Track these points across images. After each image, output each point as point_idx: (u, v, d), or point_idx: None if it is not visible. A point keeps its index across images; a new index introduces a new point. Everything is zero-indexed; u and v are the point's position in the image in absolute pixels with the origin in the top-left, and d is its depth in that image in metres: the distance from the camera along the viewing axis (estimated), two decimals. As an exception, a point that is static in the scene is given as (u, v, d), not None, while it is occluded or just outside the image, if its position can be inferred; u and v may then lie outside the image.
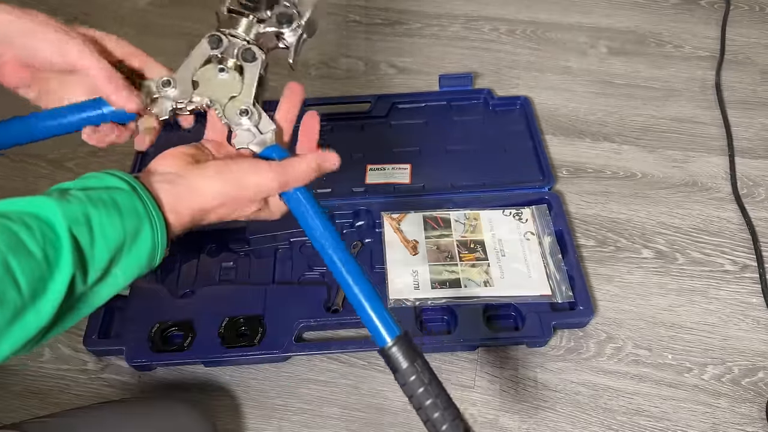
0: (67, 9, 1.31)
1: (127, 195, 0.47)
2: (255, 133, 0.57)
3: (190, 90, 0.57)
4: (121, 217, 0.45)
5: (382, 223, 0.90)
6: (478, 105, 1.08)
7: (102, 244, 0.44)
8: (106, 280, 0.46)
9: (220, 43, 0.58)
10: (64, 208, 0.43)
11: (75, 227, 0.43)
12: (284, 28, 0.59)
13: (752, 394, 0.76)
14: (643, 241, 0.91)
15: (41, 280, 0.41)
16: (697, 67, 1.15)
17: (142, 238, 0.47)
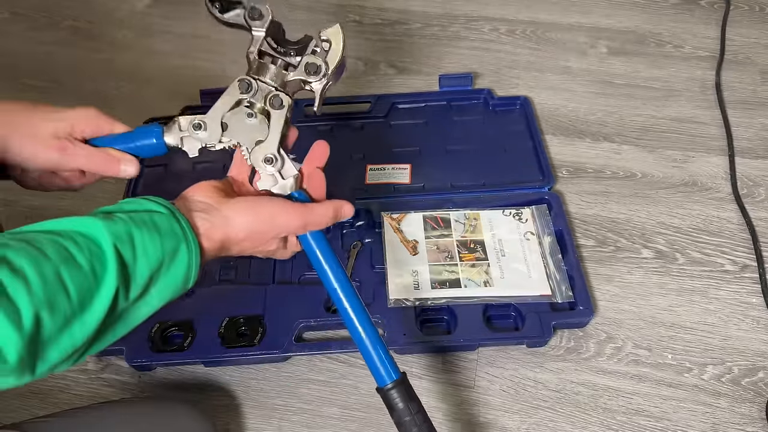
0: (66, 12, 1.31)
1: (166, 218, 0.50)
2: (278, 178, 0.60)
3: (219, 132, 0.60)
4: (161, 237, 0.49)
5: (382, 223, 0.90)
6: (478, 105, 1.08)
7: (144, 261, 0.47)
8: (144, 298, 0.49)
9: (249, 88, 0.60)
10: (109, 227, 0.46)
11: (119, 244, 0.46)
12: (311, 77, 0.62)
13: (752, 394, 0.76)
14: (643, 241, 0.91)
15: (89, 291, 0.44)
16: (697, 67, 1.15)
17: (179, 258, 0.50)
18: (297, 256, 0.88)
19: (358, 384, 0.79)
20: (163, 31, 1.27)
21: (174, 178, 0.98)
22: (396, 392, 0.61)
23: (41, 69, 1.20)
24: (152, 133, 0.61)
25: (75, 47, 1.24)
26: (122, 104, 1.13)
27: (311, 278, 0.87)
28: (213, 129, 0.60)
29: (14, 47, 1.24)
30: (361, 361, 0.80)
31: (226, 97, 0.61)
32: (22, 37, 1.26)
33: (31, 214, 0.96)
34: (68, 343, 0.43)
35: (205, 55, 1.20)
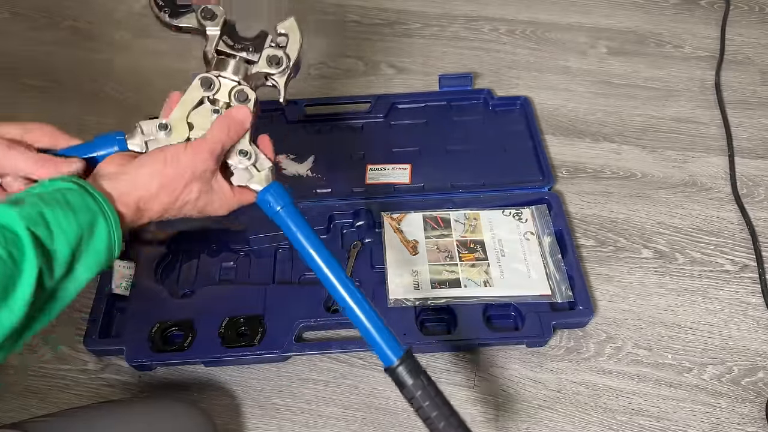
0: (66, 12, 1.31)
1: (78, 193, 0.50)
2: (253, 173, 0.60)
3: (187, 131, 0.59)
4: (74, 213, 0.48)
5: (382, 223, 0.90)
6: (478, 105, 1.08)
7: (62, 238, 0.47)
8: (71, 275, 0.48)
9: (212, 85, 0.60)
10: (20, 211, 0.46)
11: (34, 227, 0.45)
12: (273, 69, 0.61)
13: (752, 394, 0.76)
14: (642, 241, 0.91)
15: (11, 278, 0.43)
16: (696, 67, 1.15)
17: (98, 231, 0.49)
18: (295, 255, 0.88)
19: (358, 384, 0.79)
20: (161, 31, 1.26)
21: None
22: (404, 368, 0.59)
23: (41, 69, 1.20)
24: (114, 141, 0.59)
25: (75, 47, 1.24)
26: (121, 104, 1.13)
27: (311, 278, 0.87)
28: (179, 129, 0.58)
29: (14, 47, 1.24)
30: (362, 361, 0.80)
31: (189, 96, 0.60)
32: (22, 37, 1.26)
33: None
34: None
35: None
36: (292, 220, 0.60)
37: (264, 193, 0.60)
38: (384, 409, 0.77)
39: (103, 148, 0.59)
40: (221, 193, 0.59)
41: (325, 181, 0.97)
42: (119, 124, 1.12)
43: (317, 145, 1.02)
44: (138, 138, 0.58)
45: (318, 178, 0.98)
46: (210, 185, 0.58)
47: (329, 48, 1.22)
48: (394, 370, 0.59)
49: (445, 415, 0.58)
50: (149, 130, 0.58)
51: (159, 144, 0.58)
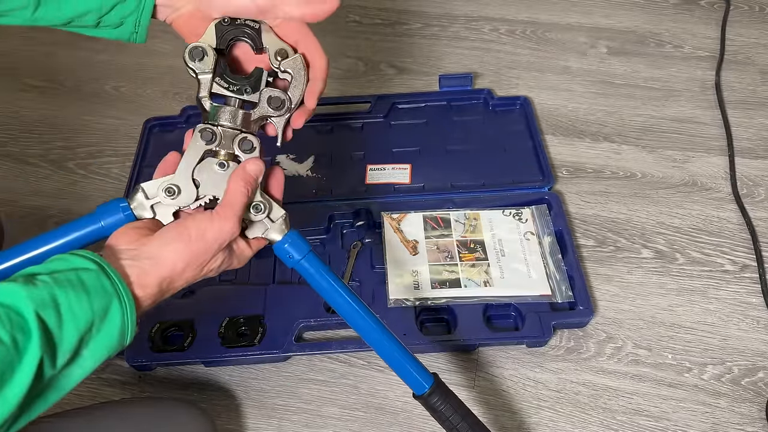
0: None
1: (94, 274, 0.47)
2: (268, 224, 0.56)
3: (194, 191, 0.55)
4: (88, 297, 0.45)
5: (382, 223, 0.90)
6: (478, 105, 1.08)
7: (71, 324, 0.44)
8: (76, 362, 0.45)
9: (213, 137, 0.55)
10: (30, 292, 0.43)
11: (42, 310, 0.42)
12: (274, 112, 0.56)
13: (752, 393, 0.76)
14: (642, 241, 0.91)
15: (9, 365, 0.41)
16: (696, 67, 1.15)
17: (110, 316, 0.46)
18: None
19: (358, 384, 0.79)
20: (163, 31, 1.26)
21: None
22: (435, 396, 0.61)
23: (41, 69, 1.20)
24: (118, 209, 0.54)
25: (75, 47, 1.24)
26: (122, 104, 1.13)
27: (311, 278, 0.87)
28: (188, 190, 0.54)
29: (14, 47, 1.24)
30: (361, 361, 0.80)
31: (192, 152, 0.55)
32: (23, 37, 1.26)
33: (31, 214, 0.96)
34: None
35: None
36: (314, 268, 0.58)
37: (282, 243, 0.57)
38: (384, 409, 0.77)
39: (107, 218, 0.55)
40: (240, 251, 0.57)
41: (325, 181, 0.97)
42: (119, 124, 1.12)
43: (317, 145, 1.02)
44: (142, 203, 0.54)
45: (318, 178, 0.98)
46: (231, 248, 0.56)
47: (329, 48, 1.21)
48: (427, 399, 0.62)
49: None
50: (153, 192, 0.54)
51: (166, 207, 0.55)
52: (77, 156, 1.05)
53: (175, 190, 0.54)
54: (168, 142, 1.03)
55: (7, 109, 1.13)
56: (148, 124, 1.04)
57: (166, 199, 0.54)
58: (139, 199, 0.54)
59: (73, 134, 1.08)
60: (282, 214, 0.57)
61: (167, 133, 1.04)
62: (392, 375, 0.79)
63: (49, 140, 1.07)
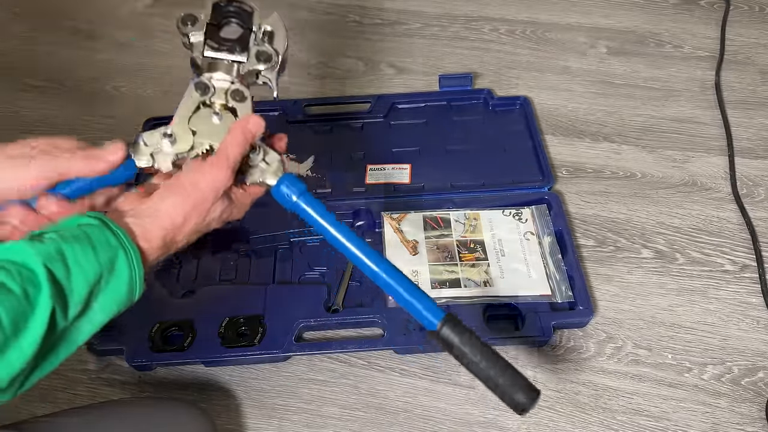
0: (67, 11, 1.31)
1: (98, 229, 0.48)
2: (264, 168, 0.59)
3: (191, 139, 0.57)
4: (94, 250, 0.47)
5: (382, 223, 0.90)
6: (478, 105, 1.08)
7: (79, 276, 0.45)
8: (86, 315, 0.46)
9: (207, 89, 0.59)
10: (37, 248, 0.44)
11: (50, 263, 0.44)
12: (263, 65, 0.61)
13: (752, 393, 0.76)
14: (642, 241, 0.91)
15: (22, 315, 0.42)
16: (696, 67, 1.15)
17: (118, 268, 0.48)
18: (295, 255, 0.88)
19: (358, 384, 0.79)
20: (163, 30, 1.27)
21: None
22: (448, 328, 0.58)
23: (41, 69, 1.20)
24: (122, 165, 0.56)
25: (75, 47, 1.24)
26: (122, 104, 1.13)
27: (311, 278, 0.87)
28: (184, 138, 0.57)
29: (14, 47, 1.24)
30: (362, 361, 0.80)
31: (186, 103, 0.59)
32: (23, 37, 1.26)
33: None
34: (4, 372, 0.42)
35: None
36: (311, 206, 0.59)
37: (278, 186, 0.59)
38: (384, 409, 0.77)
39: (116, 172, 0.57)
40: (238, 199, 0.58)
41: (325, 181, 0.97)
42: (119, 124, 1.12)
43: (317, 145, 1.01)
44: (143, 153, 0.57)
45: (318, 178, 0.98)
46: (229, 197, 0.57)
47: (329, 48, 1.22)
48: (439, 333, 0.59)
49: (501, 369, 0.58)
50: (153, 141, 0.57)
51: (165, 155, 0.57)
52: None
53: (173, 135, 0.57)
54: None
55: (7, 109, 1.13)
56: (148, 124, 1.04)
57: (165, 145, 0.57)
58: (138, 149, 0.57)
59: (73, 134, 1.06)
60: (277, 157, 0.60)
61: (167, 133, 1.04)
62: (392, 375, 0.79)
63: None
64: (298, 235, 0.90)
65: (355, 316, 0.82)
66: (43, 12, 1.32)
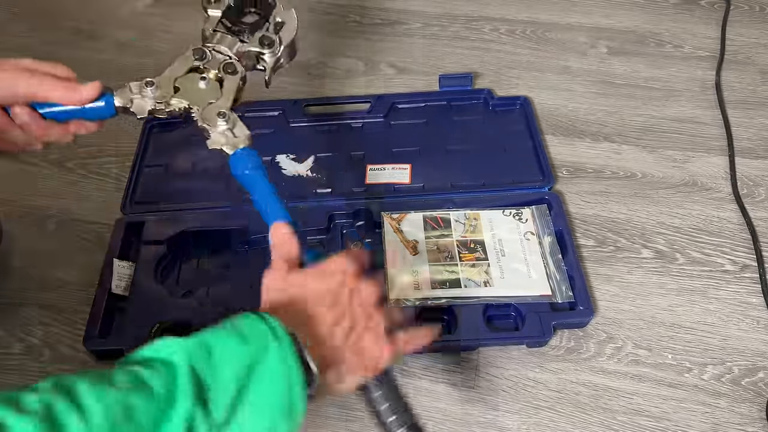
0: (67, 11, 1.31)
1: (250, 319, 0.46)
2: (229, 137, 0.61)
3: (171, 93, 0.61)
4: (243, 339, 0.43)
5: (382, 223, 0.90)
6: (478, 105, 1.08)
7: (226, 369, 0.41)
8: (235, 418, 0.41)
9: (204, 56, 0.63)
10: (183, 342, 0.42)
11: (194, 357, 0.41)
12: (265, 49, 0.65)
13: (752, 394, 0.76)
14: (642, 241, 0.91)
15: (159, 415, 0.39)
16: (697, 67, 1.15)
17: (270, 358, 0.43)
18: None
19: (358, 384, 0.79)
20: (163, 30, 1.27)
21: (174, 178, 0.98)
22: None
23: (41, 69, 1.20)
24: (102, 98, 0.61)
25: (76, 47, 1.24)
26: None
27: (311, 278, 0.87)
28: (165, 89, 0.61)
29: (15, 47, 1.24)
30: (361, 361, 0.80)
31: (179, 62, 0.63)
32: (23, 37, 1.26)
33: (30, 214, 0.96)
34: None
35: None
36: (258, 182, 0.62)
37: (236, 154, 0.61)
38: (384, 409, 0.77)
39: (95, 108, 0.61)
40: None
41: (325, 181, 0.97)
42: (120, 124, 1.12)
43: (317, 145, 1.02)
44: (124, 95, 0.62)
45: (318, 178, 0.98)
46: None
47: (329, 48, 1.22)
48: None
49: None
50: (137, 88, 0.62)
51: (144, 102, 0.61)
52: (77, 156, 1.05)
53: (153, 83, 0.61)
54: (168, 141, 1.03)
55: (7, 109, 1.13)
56: (148, 124, 1.04)
57: (144, 90, 0.61)
58: (123, 92, 0.62)
59: (73, 134, 1.08)
60: (246, 133, 0.62)
61: (167, 133, 1.04)
62: (392, 375, 0.79)
63: (49, 140, 1.07)
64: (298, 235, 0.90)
65: (355, 316, 0.81)
66: (43, 12, 1.32)
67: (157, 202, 0.94)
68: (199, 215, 0.91)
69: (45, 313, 0.84)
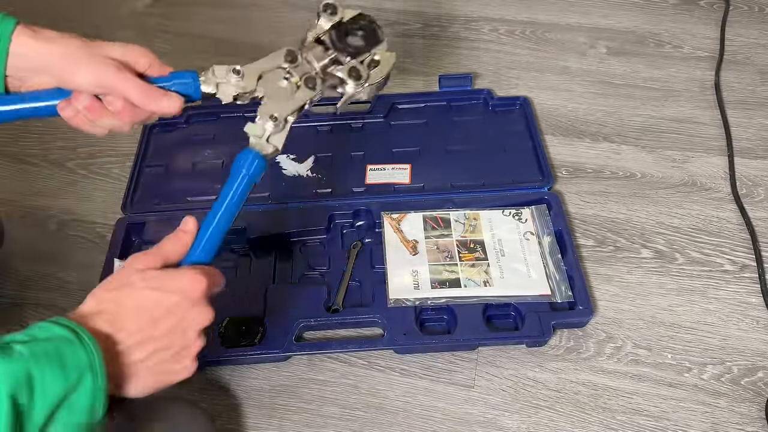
0: (67, 12, 1.32)
1: (70, 345, 0.47)
2: (263, 137, 0.62)
3: (254, 84, 0.63)
4: (63, 370, 0.45)
5: (382, 223, 0.90)
6: (477, 105, 1.08)
7: (42, 401, 0.44)
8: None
9: (294, 60, 0.65)
10: (5, 367, 0.43)
11: (16, 389, 0.42)
12: (351, 80, 0.65)
13: (751, 393, 0.77)
14: (642, 241, 0.91)
15: None
16: (696, 67, 1.15)
17: (82, 389, 0.46)
18: (295, 255, 0.89)
19: (358, 384, 0.79)
20: (163, 31, 1.27)
21: (174, 178, 0.98)
22: None
23: (41, 69, 1.20)
24: (190, 76, 0.63)
25: (75, 47, 1.24)
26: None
27: (311, 278, 0.87)
28: (249, 78, 0.63)
29: (14, 47, 1.24)
30: (362, 361, 0.80)
31: (268, 59, 0.64)
32: (22, 37, 1.26)
33: (31, 214, 0.97)
34: None
35: (204, 56, 1.21)
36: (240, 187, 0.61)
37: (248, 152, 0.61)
38: (384, 408, 0.77)
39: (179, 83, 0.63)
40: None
41: (325, 181, 0.97)
42: (119, 125, 1.11)
43: (317, 145, 1.02)
44: (210, 80, 0.63)
45: (318, 178, 0.98)
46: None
47: (329, 48, 1.21)
48: None
49: None
50: (221, 73, 0.63)
51: (229, 87, 0.62)
52: (77, 156, 1.05)
53: (241, 72, 0.63)
54: (168, 141, 1.03)
55: (7, 110, 1.13)
56: (149, 124, 1.04)
57: (232, 78, 0.63)
58: (208, 76, 0.63)
59: (74, 134, 1.08)
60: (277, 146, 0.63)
61: (167, 133, 1.04)
62: (392, 375, 0.79)
63: (49, 140, 1.08)
64: (298, 235, 0.90)
65: (355, 316, 0.82)
66: (42, 13, 1.32)
67: (158, 202, 0.94)
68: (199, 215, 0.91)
69: (45, 313, 0.84)
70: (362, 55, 0.66)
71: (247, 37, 1.23)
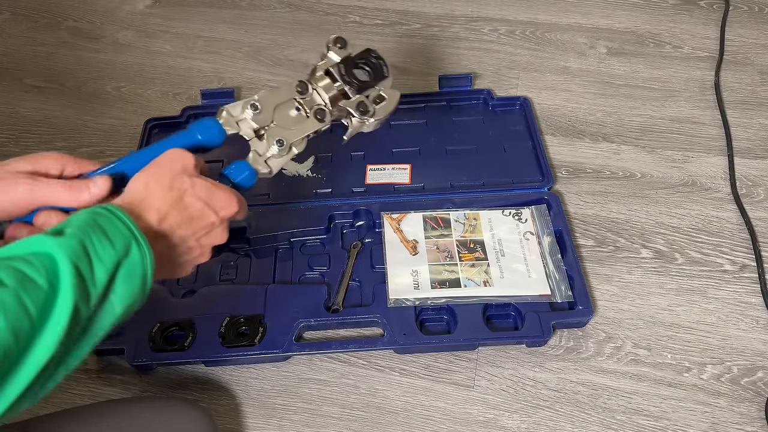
0: (67, 12, 1.32)
1: (108, 219, 0.50)
2: (263, 156, 0.65)
3: (270, 117, 0.66)
4: (110, 240, 0.49)
5: (382, 223, 0.90)
6: (477, 105, 1.08)
7: (100, 267, 0.47)
8: (106, 306, 0.48)
9: (305, 92, 0.68)
10: (60, 241, 0.46)
11: (75, 257, 0.45)
12: (356, 113, 0.69)
13: (751, 393, 0.77)
14: (642, 241, 0.91)
15: (48, 307, 0.43)
16: (696, 67, 1.15)
17: (132, 256, 0.50)
18: (295, 255, 0.89)
19: (358, 383, 0.79)
20: (163, 31, 1.27)
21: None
22: None
23: (42, 69, 1.20)
24: (212, 123, 0.64)
25: (76, 48, 1.24)
26: (122, 104, 1.13)
27: (311, 278, 0.87)
28: (266, 113, 0.65)
29: (15, 47, 1.24)
30: (362, 361, 0.81)
31: (281, 91, 0.67)
32: (23, 37, 1.26)
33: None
34: (33, 364, 0.43)
35: (205, 56, 1.21)
36: None
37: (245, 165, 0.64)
38: (384, 408, 0.77)
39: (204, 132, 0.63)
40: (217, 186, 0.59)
41: (325, 181, 0.97)
42: (120, 124, 1.13)
43: (317, 145, 1.01)
44: (229, 120, 0.64)
45: (318, 178, 0.98)
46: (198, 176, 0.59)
47: (329, 48, 1.21)
48: None
49: None
50: (236, 111, 0.65)
51: (248, 122, 0.64)
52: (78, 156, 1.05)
53: (258, 107, 0.64)
54: (168, 142, 1.03)
55: (7, 109, 1.13)
56: (149, 124, 1.04)
57: (248, 114, 0.64)
58: (224, 116, 0.64)
59: (74, 134, 1.09)
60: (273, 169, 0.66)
61: (167, 133, 1.04)
62: (392, 375, 0.79)
63: (50, 140, 1.08)
64: (298, 235, 0.90)
65: (355, 316, 0.82)
66: (43, 12, 1.32)
67: (158, 202, 0.94)
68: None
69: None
70: (368, 89, 0.69)
71: (247, 37, 1.24)
